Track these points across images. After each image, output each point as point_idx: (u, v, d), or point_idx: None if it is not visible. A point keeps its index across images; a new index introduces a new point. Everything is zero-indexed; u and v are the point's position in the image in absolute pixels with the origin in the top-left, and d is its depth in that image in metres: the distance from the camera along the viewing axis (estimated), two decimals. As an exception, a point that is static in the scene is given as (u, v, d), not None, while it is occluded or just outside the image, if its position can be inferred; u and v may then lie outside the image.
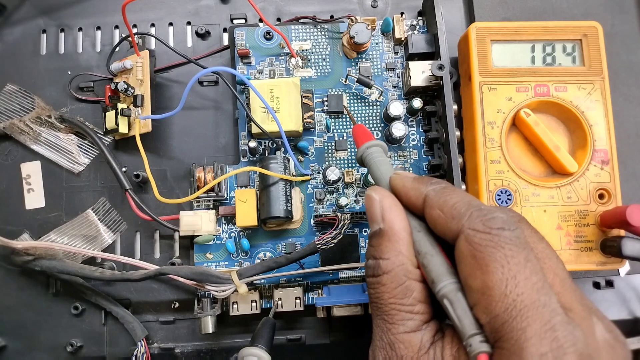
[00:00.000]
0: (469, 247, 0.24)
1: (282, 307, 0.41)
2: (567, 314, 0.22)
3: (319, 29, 0.45)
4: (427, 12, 0.45)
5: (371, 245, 0.28)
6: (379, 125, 0.44)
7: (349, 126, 0.44)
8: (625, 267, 0.43)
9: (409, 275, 0.26)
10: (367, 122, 0.44)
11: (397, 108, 0.42)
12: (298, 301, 0.41)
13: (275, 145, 0.43)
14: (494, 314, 0.22)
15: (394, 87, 0.45)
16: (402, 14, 0.45)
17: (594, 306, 0.24)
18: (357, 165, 0.43)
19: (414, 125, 0.44)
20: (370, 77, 0.44)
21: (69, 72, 0.46)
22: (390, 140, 0.43)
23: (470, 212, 0.25)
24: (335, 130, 0.44)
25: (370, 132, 0.37)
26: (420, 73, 0.42)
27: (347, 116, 0.43)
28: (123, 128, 0.43)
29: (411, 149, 0.44)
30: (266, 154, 0.43)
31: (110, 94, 0.44)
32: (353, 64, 0.45)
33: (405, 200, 0.29)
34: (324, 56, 0.45)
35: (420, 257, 0.27)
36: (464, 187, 0.41)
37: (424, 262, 0.26)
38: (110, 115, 0.43)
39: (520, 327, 0.21)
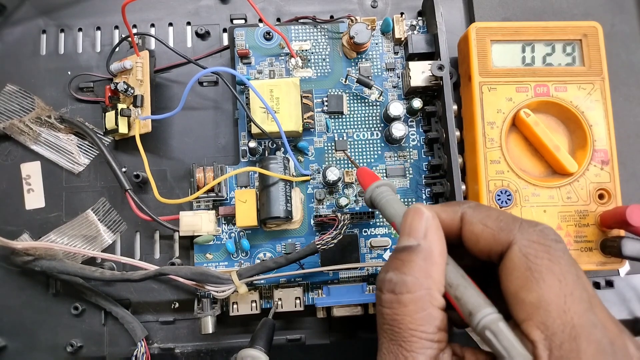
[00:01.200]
0: (524, 258, 0.23)
1: (282, 308, 0.41)
2: (606, 331, 0.22)
3: (318, 29, 0.45)
4: (427, 12, 0.45)
5: (399, 258, 0.26)
6: (379, 125, 0.44)
7: (349, 126, 0.44)
8: (625, 267, 0.43)
9: (434, 302, 0.25)
10: (367, 122, 0.44)
11: (397, 108, 0.42)
12: (298, 301, 0.41)
13: (275, 145, 0.43)
14: (552, 331, 0.22)
15: (394, 87, 0.45)
16: (402, 14, 0.45)
17: (620, 323, 0.24)
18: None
19: (414, 126, 0.44)
20: (370, 77, 0.44)
21: (69, 73, 0.46)
22: (390, 141, 0.43)
23: (519, 222, 0.25)
24: (335, 130, 0.44)
25: (375, 173, 0.36)
26: (420, 73, 0.42)
27: (349, 161, 0.43)
28: (123, 128, 0.43)
29: (411, 149, 0.44)
30: (266, 154, 0.43)
31: (110, 94, 0.44)
32: (353, 64, 0.45)
33: None
34: (323, 56, 0.45)
35: (452, 290, 0.25)
36: (464, 187, 0.41)
37: (457, 295, 0.25)
38: (110, 115, 0.43)
39: (580, 349, 0.21)
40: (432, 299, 0.25)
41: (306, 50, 0.45)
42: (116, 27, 0.47)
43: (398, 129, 0.42)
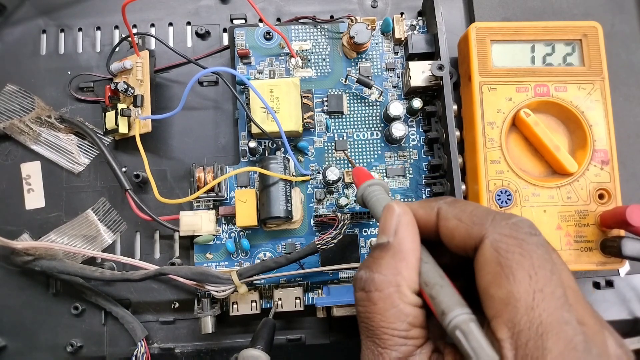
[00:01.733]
0: (495, 253, 0.23)
1: (282, 307, 0.41)
2: (582, 328, 0.21)
3: (318, 29, 0.45)
4: (427, 12, 0.45)
5: (371, 256, 0.26)
6: (379, 125, 0.44)
7: (349, 126, 0.44)
8: (625, 267, 0.43)
9: (404, 299, 0.24)
10: (367, 122, 0.44)
11: (397, 108, 0.42)
12: (298, 301, 0.41)
13: (275, 145, 0.43)
14: (518, 328, 0.21)
15: (394, 87, 0.45)
16: (402, 14, 0.45)
17: (604, 320, 0.23)
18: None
19: (414, 125, 0.44)
20: (370, 77, 0.44)
21: (69, 72, 0.46)
22: (390, 141, 0.43)
23: (492, 215, 0.24)
24: (335, 130, 0.44)
25: (370, 173, 0.36)
26: (420, 73, 0.42)
27: (348, 160, 0.43)
28: (123, 128, 0.43)
29: (411, 149, 0.44)
30: (266, 154, 0.43)
31: (110, 94, 0.44)
32: (353, 64, 0.45)
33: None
34: (323, 56, 0.45)
35: (428, 289, 0.25)
36: (464, 187, 0.41)
37: (433, 294, 0.25)
38: (110, 115, 0.43)
39: (546, 347, 0.20)
40: (401, 296, 0.24)
41: (306, 50, 0.45)
42: (116, 27, 0.47)
43: (398, 129, 0.42)
